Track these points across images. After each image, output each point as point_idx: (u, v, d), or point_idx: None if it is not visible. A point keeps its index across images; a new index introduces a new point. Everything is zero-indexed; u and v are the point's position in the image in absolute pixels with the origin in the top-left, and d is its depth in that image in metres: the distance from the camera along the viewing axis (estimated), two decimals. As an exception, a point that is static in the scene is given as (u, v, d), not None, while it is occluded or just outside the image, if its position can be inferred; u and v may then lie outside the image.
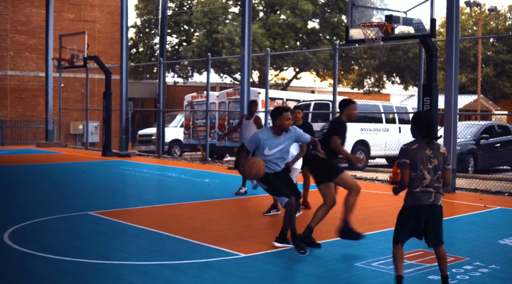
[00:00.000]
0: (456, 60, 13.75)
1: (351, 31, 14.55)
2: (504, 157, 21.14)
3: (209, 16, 39.86)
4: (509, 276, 7.03)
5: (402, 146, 6.15)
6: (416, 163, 6.03)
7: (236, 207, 12.07)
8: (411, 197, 6.08)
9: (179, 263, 7.53)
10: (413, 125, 6.19)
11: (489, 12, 45.09)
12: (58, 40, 26.94)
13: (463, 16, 45.36)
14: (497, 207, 11.96)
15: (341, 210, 8.68)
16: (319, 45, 39.47)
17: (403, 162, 6.05)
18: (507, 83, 40.70)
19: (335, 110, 18.14)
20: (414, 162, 6.03)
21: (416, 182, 6.04)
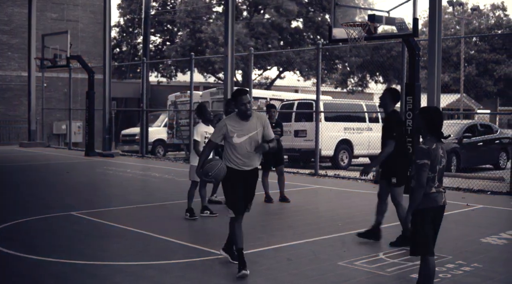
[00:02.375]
0: (438, 59, 13.81)
1: (334, 30, 14.58)
2: (487, 156, 21.26)
3: (193, 15, 39.79)
4: (491, 274, 7.08)
5: (423, 146, 5.81)
6: (436, 164, 5.79)
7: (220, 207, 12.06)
8: (426, 199, 5.81)
9: (163, 263, 7.53)
10: (420, 120, 5.92)
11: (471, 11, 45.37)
12: (40, 40, 26.80)
13: (446, 16, 45.60)
14: (480, 206, 12.04)
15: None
16: (303, 44, 39.52)
17: (424, 163, 5.74)
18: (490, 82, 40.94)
19: (318, 109, 18.18)
20: (433, 163, 5.77)
21: (431, 182, 5.81)
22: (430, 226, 5.84)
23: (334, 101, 24.64)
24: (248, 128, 7.13)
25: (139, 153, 24.90)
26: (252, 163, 7.28)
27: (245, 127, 7.12)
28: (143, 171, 18.64)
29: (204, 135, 10.47)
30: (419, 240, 5.85)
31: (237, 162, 7.18)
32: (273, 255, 7.90)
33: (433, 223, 5.86)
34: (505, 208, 12.21)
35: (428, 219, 5.83)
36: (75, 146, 29.65)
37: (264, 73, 43.28)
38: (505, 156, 21.46)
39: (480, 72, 40.88)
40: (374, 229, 8.81)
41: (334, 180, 16.61)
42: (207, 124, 10.70)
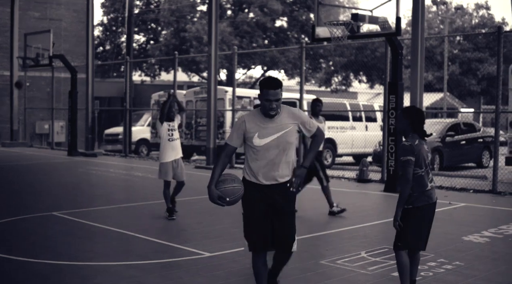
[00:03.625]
0: (421, 58, 13.85)
1: (317, 29, 14.58)
2: (469, 154, 21.35)
3: (177, 14, 39.72)
4: (473, 272, 7.09)
5: (405, 143, 5.80)
6: (422, 160, 5.80)
7: (202, 207, 12.01)
8: (423, 196, 5.83)
9: (146, 263, 7.49)
10: (404, 119, 5.88)
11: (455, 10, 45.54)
12: (23, 39, 26.62)
13: (430, 15, 45.74)
14: (462, 204, 12.08)
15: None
16: (287, 43, 39.55)
17: (408, 159, 5.73)
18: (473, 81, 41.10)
19: (302, 108, 18.17)
20: (420, 159, 5.77)
21: (426, 179, 5.83)
22: (427, 222, 5.90)
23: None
24: (275, 126, 5.45)
25: (122, 153, 24.81)
26: (279, 175, 5.51)
27: (270, 124, 5.45)
28: (126, 171, 18.56)
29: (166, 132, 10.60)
30: (423, 235, 5.91)
31: (257, 173, 5.50)
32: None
33: (430, 220, 5.93)
34: (487, 206, 12.27)
35: (425, 217, 5.88)
36: (58, 146, 29.48)
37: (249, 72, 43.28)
38: (487, 155, 21.56)
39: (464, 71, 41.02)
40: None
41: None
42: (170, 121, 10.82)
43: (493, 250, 8.32)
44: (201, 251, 8.01)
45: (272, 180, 5.48)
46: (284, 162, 5.48)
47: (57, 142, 30.01)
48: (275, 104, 5.37)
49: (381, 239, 8.97)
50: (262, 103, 5.41)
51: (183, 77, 41.68)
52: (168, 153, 10.72)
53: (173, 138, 10.74)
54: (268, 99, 5.36)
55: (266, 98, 5.36)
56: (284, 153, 5.45)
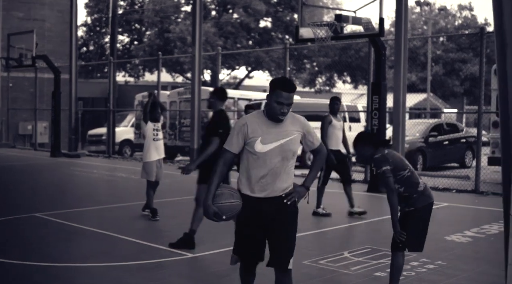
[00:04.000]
0: (405, 58, 13.89)
1: (301, 30, 14.60)
2: (452, 155, 21.45)
3: (161, 15, 39.63)
4: (455, 272, 7.12)
5: (377, 156, 5.82)
6: (401, 162, 5.88)
7: (185, 208, 11.98)
8: (423, 196, 5.86)
9: (128, 264, 7.47)
10: (366, 147, 5.90)
11: (438, 11, 45.72)
12: (6, 39, 26.45)
13: (413, 16, 45.88)
14: (445, 204, 12.13)
15: None
16: (272, 44, 39.55)
17: (385, 170, 5.77)
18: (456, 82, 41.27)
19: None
20: (398, 162, 5.85)
21: (415, 177, 5.87)
22: (425, 224, 5.95)
23: (302, 101, 24.67)
24: (279, 132, 4.88)
25: (106, 154, 24.72)
26: (279, 187, 4.94)
27: (274, 129, 4.88)
28: (109, 172, 18.49)
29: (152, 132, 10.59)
30: (421, 236, 5.95)
31: (255, 184, 4.91)
32: (237, 255, 7.86)
33: (426, 220, 5.97)
34: (470, 206, 12.34)
35: (424, 217, 5.92)
36: (41, 147, 29.32)
37: (233, 73, 43.26)
38: (470, 155, 21.65)
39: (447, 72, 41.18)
40: (187, 237, 8.31)
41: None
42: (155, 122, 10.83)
43: (475, 249, 8.36)
44: (183, 252, 7.99)
45: (270, 192, 4.89)
46: (285, 173, 4.93)
47: (40, 143, 29.85)
48: (286, 109, 4.81)
49: (364, 239, 8.99)
50: (272, 104, 4.80)
51: (167, 77, 41.58)
52: (153, 153, 10.72)
53: (158, 138, 10.77)
54: (280, 102, 4.77)
55: (278, 101, 4.77)
56: (286, 162, 4.91)
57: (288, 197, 4.94)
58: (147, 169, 10.69)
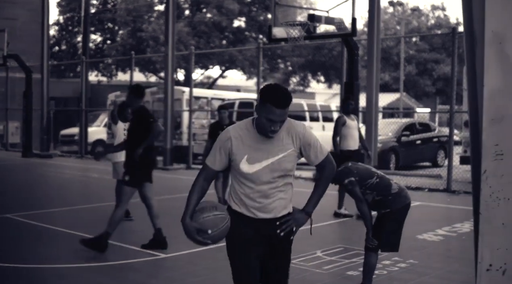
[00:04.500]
0: (377, 58, 13.93)
1: (274, 29, 14.59)
2: (425, 154, 21.61)
3: (134, 14, 39.44)
4: (426, 270, 7.16)
5: (339, 169, 5.86)
6: (366, 170, 6.00)
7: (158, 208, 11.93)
8: (399, 197, 5.93)
9: (100, 265, 7.41)
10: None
11: (411, 11, 46.03)
12: (-23, 38, 26.14)
13: (387, 16, 46.13)
14: (417, 203, 12.18)
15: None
16: (245, 43, 39.53)
17: (350, 181, 5.90)
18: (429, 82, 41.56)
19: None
20: (363, 171, 5.96)
21: (385, 180, 5.96)
22: (400, 225, 6.04)
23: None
24: (269, 148, 4.01)
25: (78, 154, 24.55)
26: (274, 209, 4.12)
27: (263, 145, 4.01)
28: (81, 172, 18.37)
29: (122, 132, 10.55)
30: (396, 237, 6.02)
31: (248, 203, 4.09)
32: (211, 255, 7.83)
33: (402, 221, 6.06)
34: (442, 205, 12.42)
35: (400, 219, 6.01)
36: (12, 147, 29.01)
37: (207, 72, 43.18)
38: (443, 154, 21.82)
39: (420, 72, 41.47)
40: (157, 237, 8.28)
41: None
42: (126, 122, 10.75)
43: (447, 248, 8.42)
44: (156, 253, 7.96)
45: (266, 213, 4.09)
46: (280, 192, 4.11)
47: (11, 143, 29.53)
48: (279, 126, 3.93)
49: (337, 239, 9.02)
50: (261, 120, 3.92)
51: (140, 77, 41.37)
52: (123, 152, 10.63)
53: None
54: (271, 119, 3.87)
55: (269, 118, 3.87)
56: (280, 181, 4.07)
57: (283, 227, 4.13)
58: (119, 169, 10.60)
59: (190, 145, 20.11)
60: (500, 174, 3.03)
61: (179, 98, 22.34)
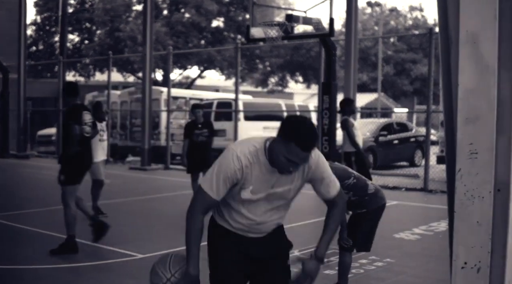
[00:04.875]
0: (355, 58, 14.01)
1: (252, 30, 14.59)
2: (402, 154, 21.72)
3: (111, 14, 39.25)
4: (403, 269, 7.20)
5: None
6: (343, 171, 5.96)
7: (134, 208, 11.91)
8: (376, 198, 5.98)
9: (76, 265, 7.38)
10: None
11: (389, 12, 46.27)
12: (-48, 38, 25.95)
13: (365, 16, 46.33)
14: (394, 202, 12.25)
15: None
16: (224, 43, 39.49)
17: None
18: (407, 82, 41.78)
19: (237, 108, 18.21)
20: (341, 173, 5.81)
21: (362, 181, 5.99)
22: (375, 225, 6.09)
23: (254, 101, 24.75)
24: (278, 178, 3.54)
25: (56, 154, 24.39)
26: (267, 227, 3.73)
27: (271, 177, 3.53)
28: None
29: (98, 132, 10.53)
30: (370, 237, 6.07)
31: (237, 225, 3.68)
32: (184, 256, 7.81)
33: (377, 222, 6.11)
34: (419, 204, 12.50)
35: (375, 219, 6.06)
36: (-11, 148, 28.77)
37: (185, 72, 43.08)
38: (420, 154, 21.94)
39: (398, 72, 41.67)
40: (67, 242, 8.07)
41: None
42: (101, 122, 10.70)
43: (424, 247, 8.47)
44: (133, 253, 7.93)
45: (258, 234, 3.70)
46: (274, 219, 3.72)
47: (-12, 144, 29.27)
48: (297, 167, 3.47)
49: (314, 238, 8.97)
50: (279, 158, 3.38)
51: (118, 77, 41.21)
52: (99, 153, 10.61)
53: (103, 139, 10.69)
54: (293, 161, 3.37)
55: (290, 159, 3.36)
56: (277, 212, 3.71)
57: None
58: (94, 169, 10.56)
59: (168, 145, 20.07)
60: (474, 172, 3.05)
61: (157, 98, 22.28)
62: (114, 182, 15.58)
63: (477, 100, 3.03)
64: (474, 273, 3.09)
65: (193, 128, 11.23)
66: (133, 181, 16.22)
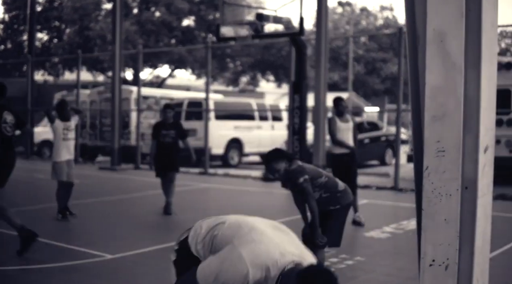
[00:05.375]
0: (325, 58, 14.03)
1: (222, 29, 14.58)
2: (373, 153, 21.83)
3: (80, 12, 38.95)
4: (373, 267, 7.22)
5: (292, 168, 5.95)
6: (315, 170, 6.15)
7: (104, 208, 11.82)
8: (347, 194, 6.18)
9: (45, 267, 7.29)
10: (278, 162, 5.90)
11: (360, 11, 46.53)
12: None
13: (336, 16, 46.52)
14: (365, 201, 12.30)
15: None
16: (194, 42, 39.40)
17: (305, 179, 6.00)
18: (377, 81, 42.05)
19: (208, 108, 18.17)
20: (314, 172, 6.11)
21: (332, 180, 6.18)
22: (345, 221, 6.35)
23: (224, 100, 24.74)
24: None
25: (24, 154, 24.16)
26: None
27: None
28: (27, 173, 18.05)
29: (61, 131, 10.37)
30: (341, 232, 6.27)
31: None
32: (160, 255, 7.77)
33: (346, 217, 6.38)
34: (389, 202, 12.56)
35: (346, 215, 6.30)
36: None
37: (156, 72, 42.90)
38: (390, 153, 22.07)
39: (369, 71, 41.93)
40: (22, 236, 7.98)
41: (224, 179, 16.62)
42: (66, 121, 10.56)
43: (394, 245, 8.50)
44: (102, 254, 7.85)
45: None
46: None
47: (-45, 144, 28.92)
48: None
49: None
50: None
51: (88, 76, 40.90)
52: (63, 152, 10.44)
53: (68, 138, 10.48)
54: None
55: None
56: None
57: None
58: (57, 169, 10.44)
59: (138, 145, 19.97)
60: (442, 170, 3.06)
61: (127, 98, 22.16)
62: (83, 182, 15.45)
63: (444, 98, 3.04)
64: (442, 270, 3.10)
65: (161, 129, 11.07)
66: (103, 181, 16.11)
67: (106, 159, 22.00)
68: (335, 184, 6.12)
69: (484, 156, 3.07)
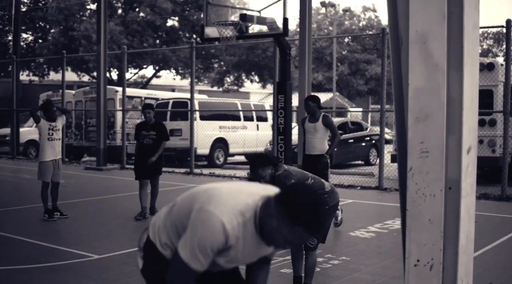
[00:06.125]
0: (309, 58, 14.07)
1: (206, 29, 14.56)
2: (357, 152, 21.91)
3: (65, 12, 38.81)
4: (358, 266, 7.27)
5: (280, 173, 5.93)
6: (301, 174, 6.19)
7: (90, 209, 11.80)
8: (333, 194, 6.26)
9: (31, 267, 7.30)
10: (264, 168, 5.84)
11: (343, 12, 46.59)
12: None
13: (319, 16, 46.58)
14: (349, 201, 12.37)
15: None
16: (179, 43, 39.36)
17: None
18: (361, 81, 42.14)
19: (193, 108, 18.18)
20: (300, 175, 6.16)
21: (320, 181, 6.24)
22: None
23: (209, 100, 24.74)
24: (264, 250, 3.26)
25: (10, 155, 24.07)
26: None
27: (256, 250, 3.18)
28: (13, 173, 18.01)
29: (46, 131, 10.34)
30: (327, 231, 6.41)
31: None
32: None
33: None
34: (374, 202, 12.63)
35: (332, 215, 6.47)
36: None
37: (141, 72, 42.81)
38: (375, 152, 22.16)
39: (353, 72, 42.01)
40: None
41: (209, 179, 16.64)
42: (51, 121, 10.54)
43: (379, 244, 8.56)
44: (89, 253, 7.87)
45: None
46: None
47: None
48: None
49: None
50: (279, 237, 3.01)
51: (73, 76, 40.76)
52: (48, 152, 10.43)
53: (53, 138, 10.46)
54: (292, 242, 3.07)
55: (292, 241, 3.05)
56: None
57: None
58: (43, 170, 10.43)
59: (124, 145, 19.95)
60: (425, 171, 3.10)
61: (112, 98, 22.12)
62: (69, 182, 15.42)
63: (427, 99, 3.08)
64: (427, 270, 3.14)
65: (142, 129, 10.83)
66: (89, 181, 16.08)
67: (92, 159, 21.95)
68: (321, 185, 6.15)
69: (467, 157, 3.11)
